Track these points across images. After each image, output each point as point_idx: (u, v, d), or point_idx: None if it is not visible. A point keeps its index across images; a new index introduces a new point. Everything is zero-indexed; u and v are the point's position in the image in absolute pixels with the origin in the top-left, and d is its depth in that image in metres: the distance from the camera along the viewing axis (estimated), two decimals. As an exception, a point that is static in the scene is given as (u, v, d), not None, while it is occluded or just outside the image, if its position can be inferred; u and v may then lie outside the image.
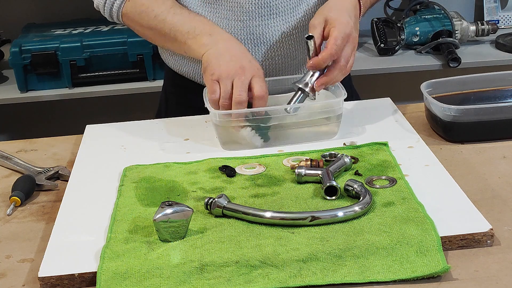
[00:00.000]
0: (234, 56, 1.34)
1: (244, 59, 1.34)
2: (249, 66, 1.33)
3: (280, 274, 0.97)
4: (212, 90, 1.33)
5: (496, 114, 1.34)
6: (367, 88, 2.32)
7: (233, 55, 1.34)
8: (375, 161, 1.25)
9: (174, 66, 1.59)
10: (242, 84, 1.31)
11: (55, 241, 1.08)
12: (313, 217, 1.06)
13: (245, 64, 1.33)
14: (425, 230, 1.03)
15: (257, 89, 1.31)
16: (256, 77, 1.32)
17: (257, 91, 1.31)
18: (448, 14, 2.56)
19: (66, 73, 2.42)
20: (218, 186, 1.21)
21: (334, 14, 1.33)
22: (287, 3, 1.47)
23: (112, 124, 1.51)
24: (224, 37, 1.39)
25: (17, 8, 2.77)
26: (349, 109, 1.46)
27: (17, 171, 1.36)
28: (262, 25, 1.47)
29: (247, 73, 1.32)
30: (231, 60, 1.33)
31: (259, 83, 1.32)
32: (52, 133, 1.68)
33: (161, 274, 0.98)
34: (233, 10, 1.46)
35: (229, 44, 1.37)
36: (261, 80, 1.32)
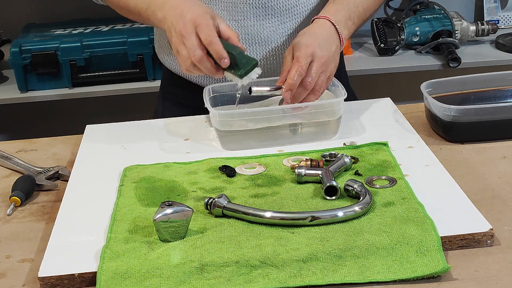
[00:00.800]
0: (177, 20, 1.29)
1: (185, 16, 1.28)
2: (189, 19, 1.27)
3: (280, 274, 0.97)
4: (179, 62, 1.31)
5: (496, 114, 1.34)
6: (367, 88, 2.32)
7: (176, 20, 1.29)
8: (375, 161, 1.25)
9: (170, 66, 1.59)
10: (190, 43, 1.27)
11: (55, 241, 1.08)
12: (313, 217, 1.07)
13: (186, 21, 1.28)
14: (425, 230, 1.03)
15: (203, 38, 1.26)
16: (197, 27, 1.27)
17: (203, 41, 1.26)
18: (448, 14, 2.56)
19: (66, 73, 2.42)
20: (218, 186, 1.21)
21: (298, 39, 1.34)
22: (282, 5, 1.47)
23: (112, 124, 1.51)
24: (172, 5, 1.33)
25: (17, 8, 2.77)
26: (349, 109, 1.46)
27: (17, 171, 1.36)
28: (257, 25, 1.47)
29: (189, 28, 1.27)
30: (176, 26, 1.29)
31: (202, 32, 1.27)
32: (52, 133, 1.68)
33: (161, 274, 0.98)
34: (227, 9, 1.46)
35: (175, 12, 1.32)
36: (202, 27, 1.27)
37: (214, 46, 1.26)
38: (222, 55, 1.26)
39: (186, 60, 1.28)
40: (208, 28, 1.27)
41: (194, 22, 1.27)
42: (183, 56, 1.28)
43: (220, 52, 1.26)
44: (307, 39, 1.34)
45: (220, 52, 1.26)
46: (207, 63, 1.28)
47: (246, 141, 1.34)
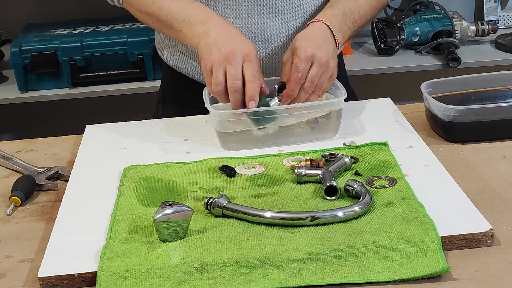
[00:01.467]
0: (225, 43, 1.31)
1: (235, 43, 1.31)
2: (240, 49, 1.30)
3: (280, 274, 0.97)
4: (208, 82, 1.32)
5: (496, 114, 1.34)
6: (367, 88, 2.32)
7: (223, 42, 1.31)
8: (375, 161, 1.25)
9: (171, 63, 1.59)
10: (235, 71, 1.29)
11: (55, 241, 1.08)
12: (313, 217, 1.06)
13: (236, 49, 1.30)
14: (425, 230, 1.03)
15: (248, 74, 1.29)
16: (247, 62, 1.30)
17: (247, 76, 1.29)
18: (448, 14, 2.56)
19: (66, 73, 2.42)
20: (218, 186, 1.21)
21: (297, 43, 1.34)
22: (287, 3, 1.47)
23: (112, 124, 1.51)
24: (216, 24, 1.36)
25: (17, 8, 2.77)
26: (349, 109, 1.46)
27: (17, 171, 1.36)
28: (261, 23, 1.47)
29: (238, 57, 1.29)
30: (221, 47, 1.30)
31: (250, 68, 1.29)
32: (52, 133, 1.68)
33: (161, 274, 0.98)
34: (231, 7, 1.46)
35: (221, 31, 1.34)
36: (252, 64, 1.30)
37: (254, 85, 1.29)
38: (256, 97, 1.29)
39: (218, 85, 1.30)
40: (257, 66, 1.30)
41: (244, 53, 1.30)
42: (218, 80, 1.29)
43: (255, 94, 1.29)
44: (305, 42, 1.34)
45: (255, 94, 1.29)
46: (239, 96, 1.30)
47: (246, 141, 1.34)
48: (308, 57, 1.32)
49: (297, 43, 1.34)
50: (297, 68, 1.31)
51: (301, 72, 1.31)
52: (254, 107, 1.29)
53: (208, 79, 1.32)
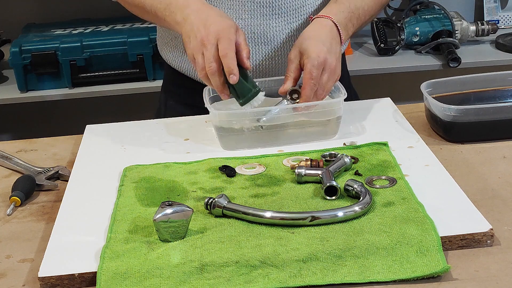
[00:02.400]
0: (200, 28, 1.30)
1: (209, 27, 1.29)
2: (213, 31, 1.28)
3: (280, 274, 0.97)
4: (195, 68, 1.32)
5: (496, 114, 1.34)
6: (367, 88, 2.32)
7: (198, 27, 1.30)
8: (375, 161, 1.25)
9: (173, 63, 1.59)
10: (209, 54, 1.28)
11: (55, 241, 1.08)
12: (313, 217, 1.06)
13: (209, 31, 1.29)
14: (425, 230, 1.03)
15: (220, 49, 1.27)
16: (220, 39, 1.28)
17: (220, 51, 1.27)
18: (448, 14, 2.56)
19: (66, 73, 2.42)
20: (218, 186, 1.21)
21: (306, 45, 1.34)
22: (290, 4, 1.47)
23: (112, 124, 1.51)
24: (194, 9, 1.34)
25: (17, 8, 2.77)
26: (349, 109, 1.46)
27: (17, 171, 1.36)
28: (263, 25, 1.47)
29: (212, 39, 1.28)
30: (197, 32, 1.30)
31: (221, 44, 1.27)
32: (52, 133, 1.68)
33: (161, 274, 0.98)
34: (234, 8, 1.46)
35: (197, 16, 1.33)
36: (223, 40, 1.28)
37: (227, 59, 1.27)
38: (233, 70, 1.27)
39: (201, 70, 1.30)
40: (228, 41, 1.28)
41: (217, 34, 1.28)
42: (199, 65, 1.29)
43: (231, 67, 1.27)
44: (315, 45, 1.33)
45: (231, 67, 1.27)
46: (218, 77, 1.28)
47: (246, 141, 1.34)
48: (321, 63, 1.32)
49: (307, 45, 1.33)
50: (311, 75, 1.31)
51: (315, 79, 1.31)
52: (235, 80, 1.27)
53: (194, 66, 1.32)
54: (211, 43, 1.28)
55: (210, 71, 1.28)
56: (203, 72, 1.29)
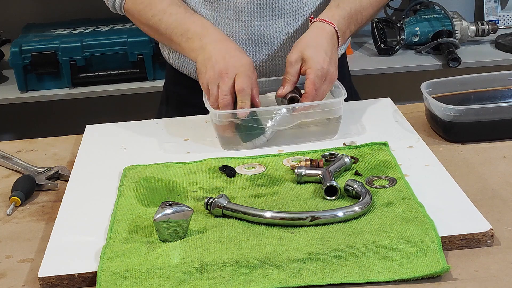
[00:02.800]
0: (219, 59, 1.33)
1: (229, 60, 1.33)
2: (232, 66, 1.32)
3: (280, 274, 0.97)
4: (207, 98, 1.35)
5: (496, 114, 1.34)
6: (367, 88, 2.32)
7: (218, 59, 1.33)
8: (375, 161, 1.25)
9: (175, 64, 1.59)
10: (225, 87, 1.31)
11: (55, 241, 1.08)
12: (313, 217, 1.06)
13: (228, 65, 1.32)
14: (425, 230, 1.03)
15: (237, 84, 1.30)
16: (238, 75, 1.31)
17: (236, 86, 1.30)
18: (448, 14, 2.56)
19: (66, 73, 2.42)
20: (218, 186, 1.21)
21: (310, 53, 1.34)
22: (289, 6, 1.47)
23: (112, 124, 1.51)
24: (213, 39, 1.38)
25: (17, 8, 2.77)
26: (349, 109, 1.46)
27: (17, 171, 1.36)
28: (263, 26, 1.47)
29: (230, 73, 1.31)
30: (216, 63, 1.33)
31: (240, 79, 1.31)
32: (52, 133, 1.68)
33: (161, 274, 0.98)
34: (234, 10, 1.46)
35: (216, 47, 1.36)
36: (242, 76, 1.31)
37: (243, 94, 1.30)
38: (245, 105, 1.30)
39: (214, 101, 1.32)
40: (247, 78, 1.31)
41: (237, 69, 1.31)
42: (213, 96, 1.32)
43: (245, 102, 1.30)
44: (319, 54, 1.34)
45: (246, 102, 1.30)
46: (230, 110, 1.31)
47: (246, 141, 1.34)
48: (324, 74, 1.33)
49: (311, 54, 1.34)
50: (314, 85, 1.32)
51: (318, 89, 1.33)
52: (243, 116, 1.30)
53: (207, 96, 1.35)
54: (229, 77, 1.31)
55: (223, 103, 1.30)
56: (215, 104, 1.32)
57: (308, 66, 1.33)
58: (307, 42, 1.37)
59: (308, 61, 1.33)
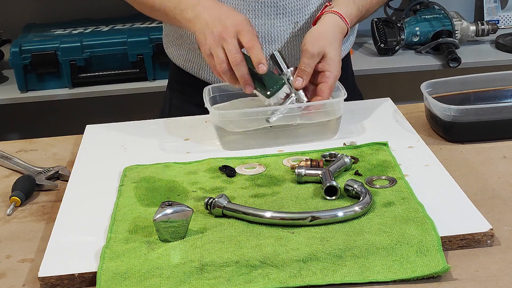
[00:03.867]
0: (215, 23, 1.31)
1: (225, 21, 1.31)
2: (231, 24, 1.30)
3: (280, 274, 0.97)
4: (212, 65, 1.33)
5: (496, 114, 1.34)
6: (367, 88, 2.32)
7: (214, 23, 1.31)
8: (375, 161, 1.25)
9: (178, 62, 1.59)
10: (231, 46, 1.29)
11: (55, 241, 1.08)
12: (313, 217, 1.06)
13: (227, 25, 1.30)
14: (425, 230, 1.03)
15: (245, 42, 1.29)
16: (240, 32, 1.30)
17: (245, 44, 1.29)
18: (448, 14, 2.56)
19: (66, 73, 2.42)
20: (218, 186, 1.21)
21: (332, 54, 1.34)
22: (293, 4, 1.47)
23: (112, 124, 1.51)
24: (206, 6, 1.35)
25: (17, 8, 2.77)
26: (349, 109, 1.46)
27: (17, 171, 1.36)
28: (268, 24, 1.48)
29: (231, 33, 1.29)
30: (213, 28, 1.31)
31: (245, 36, 1.29)
32: (52, 133, 1.68)
33: (161, 274, 0.98)
34: (238, 8, 1.46)
35: (210, 13, 1.33)
36: (246, 32, 1.30)
37: (256, 50, 1.28)
38: (262, 59, 1.28)
39: (221, 63, 1.30)
40: (251, 33, 1.30)
41: (235, 27, 1.30)
42: (219, 59, 1.30)
43: (260, 57, 1.28)
44: (338, 58, 1.35)
45: (260, 56, 1.28)
46: (245, 67, 1.29)
47: (246, 141, 1.34)
48: (337, 78, 1.35)
49: (334, 56, 1.34)
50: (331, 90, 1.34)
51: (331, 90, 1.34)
52: (264, 69, 1.28)
53: (211, 63, 1.33)
54: (231, 36, 1.29)
55: (236, 61, 1.28)
56: (223, 66, 1.29)
57: (328, 68, 1.33)
58: (329, 39, 1.36)
59: (330, 63, 1.33)
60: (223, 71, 1.30)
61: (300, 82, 1.33)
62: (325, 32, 1.37)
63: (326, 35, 1.36)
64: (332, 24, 1.38)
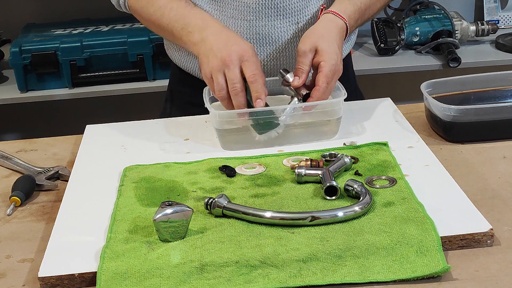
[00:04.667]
0: (221, 48, 1.32)
1: (231, 47, 1.31)
2: (235, 52, 1.30)
3: (280, 274, 0.97)
4: (211, 88, 1.34)
5: (496, 114, 1.34)
6: (367, 88, 2.32)
7: (220, 48, 1.32)
8: (375, 161, 1.25)
9: (179, 63, 1.59)
10: (232, 74, 1.29)
11: (55, 241, 1.08)
12: (313, 217, 1.06)
13: (231, 52, 1.30)
14: (425, 230, 1.03)
15: (248, 74, 1.29)
16: (244, 62, 1.30)
17: (247, 76, 1.29)
18: (448, 14, 2.56)
19: (66, 73, 2.42)
20: (218, 186, 1.21)
21: (324, 45, 1.33)
22: (294, 5, 1.47)
23: (112, 124, 1.51)
24: (213, 31, 1.37)
25: (17, 8, 2.77)
26: (349, 109, 1.46)
27: (17, 171, 1.36)
28: (268, 25, 1.48)
29: (235, 60, 1.30)
30: (218, 52, 1.31)
31: (249, 68, 1.30)
32: (52, 133, 1.68)
33: (161, 274, 0.98)
34: (239, 9, 1.46)
35: (217, 38, 1.35)
36: (249, 64, 1.30)
37: (256, 84, 1.29)
38: (261, 95, 1.29)
39: (221, 90, 1.30)
40: (255, 65, 1.30)
41: (240, 55, 1.30)
42: (219, 85, 1.30)
43: (259, 91, 1.29)
44: (333, 49, 1.34)
45: (260, 91, 1.29)
46: (242, 98, 1.30)
47: (246, 141, 1.34)
48: (336, 70, 1.34)
49: (326, 47, 1.33)
50: (327, 78, 1.32)
51: (329, 83, 1.32)
52: (262, 105, 1.29)
53: (210, 86, 1.34)
54: (234, 64, 1.29)
55: (235, 91, 1.29)
56: (222, 93, 1.30)
57: (322, 59, 1.32)
58: (320, 33, 1.36)
59: (322, 54, 1.33)
60: (221, 97, 1.31)
61: (297, 80, 1.33)
62: (316, 28, 1.38)
63: (317, 31, 1.37)
64: (324, 21, 1.39)
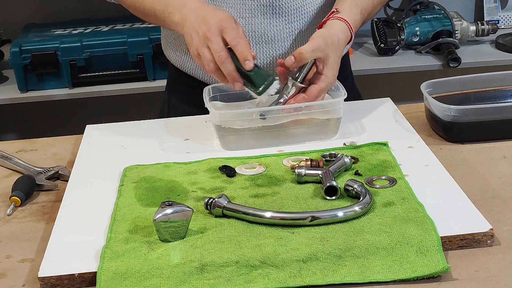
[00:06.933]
0: (200, 24, 1.31)
1: (208, 20, 1.30)
2: (214, 24, 1.29)
3: (280, 274, 0.97)
4: (201, 65, 1.32)
5: (496, 114, 1.34)
6: (367, 88, 2.32)
7: (199, 24, 1.31)
8: (375, 161, 1.25)
9: (176, 63, 1.59)
10: (215, 45, 1.28)
11: (55, 241, 1.08)
12: (313, 217, 1.07)
13: (210, 25, 1.29)
14: (425, 230, 1.03)
15: (229, 40, 1.28)
16: (224, 30, 1.29)
17: (229, 42, 1.28)
18: (448, 14, 2.56)
19: (66, 73, 2.42)
20: (218, 186, 1.21)
21: (333, 59, 1.33)
22: (290, 4, 1.47)
23: (112, 124, 1.51)
24: (191, 8, 1.35)
25: (17, 8, 2.77)
26: (349, 109, 1.46)
27: (17, 171, 1.36)
28: (264, 24, 1.48)
29: (214, 32, 1.29)
30: (198, 29, 1.30)
31: (229, 35, 1.29)
32: (52, 133, 1.68)
33: (161, 274, 0.98)
34: (235, 7, 1.46)
35: (196, 15, 1.33)
36: (229, 30, 1.29)
37: (240, 47, 1.28)
38: (247, 56, 1.27)
39: (209, 63, 1.29)
40: (234, 30, 1.29)
41: (219, 25, 1.29)
42: (206, 59, 1.29)
43: (245, 53, 1.27)
44: (336, 66, 1.34)
45: (246, 53, 1.27)
46: (230, 64, 1.28)
47: (246, 141, 1.34)
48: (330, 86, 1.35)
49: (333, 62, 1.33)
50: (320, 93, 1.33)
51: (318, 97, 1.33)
52: (251, 66, 1.27)
53: (200, 63, 1.32)
54: (215, 35, 1.28)
55: (220, 59, 1.28)
56: (211, 65, 1.29)
57: (326, 73, 1.33)
58: (335, 44, 1.35)
59: (329, 68, 1.33)
60: (212, 70, 1.30)
61: (290, 60, 1.32)
62: (334, 35, 1.36)
63: (334, 39, 1.35)
64: (339, 30, 1.38)
